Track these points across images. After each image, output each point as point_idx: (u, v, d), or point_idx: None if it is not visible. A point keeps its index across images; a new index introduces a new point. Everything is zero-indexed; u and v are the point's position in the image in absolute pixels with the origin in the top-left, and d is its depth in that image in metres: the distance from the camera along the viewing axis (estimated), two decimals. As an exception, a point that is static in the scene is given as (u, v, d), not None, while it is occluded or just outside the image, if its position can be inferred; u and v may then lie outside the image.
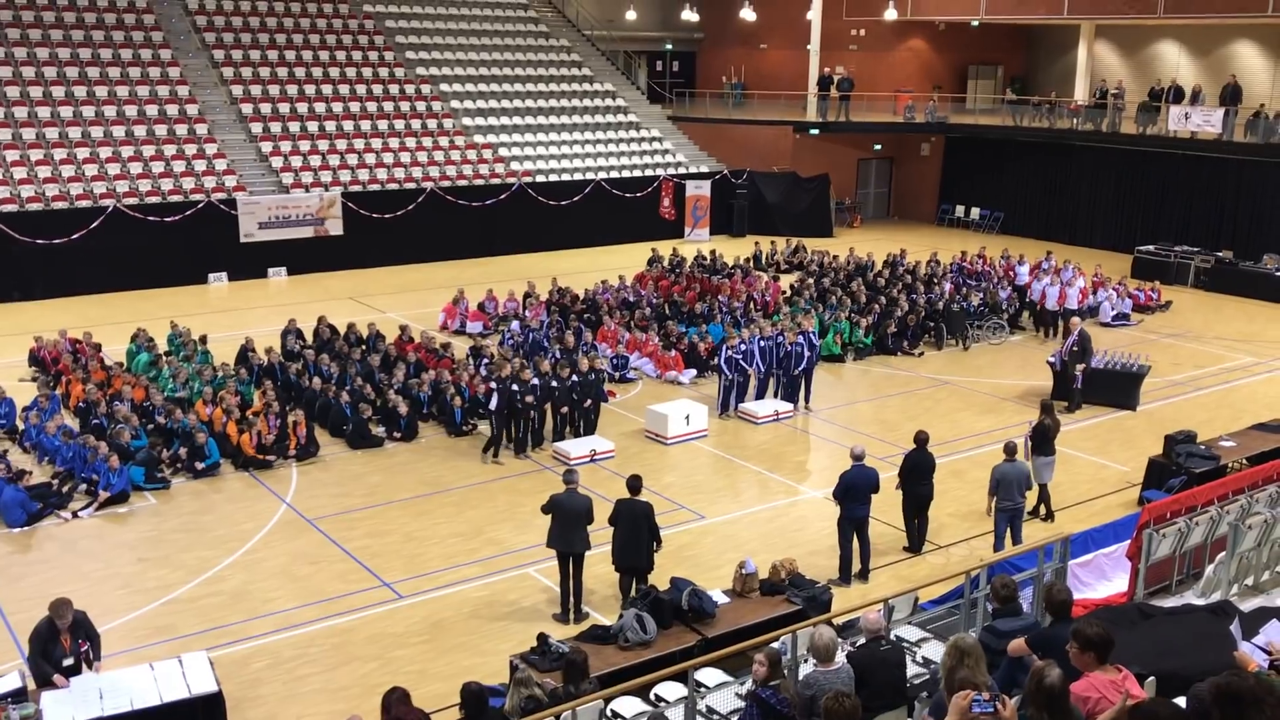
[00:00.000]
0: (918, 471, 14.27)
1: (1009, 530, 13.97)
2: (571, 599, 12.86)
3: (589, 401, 18.66)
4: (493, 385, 17.92)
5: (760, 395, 20.59)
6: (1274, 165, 33.27)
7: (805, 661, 9.31)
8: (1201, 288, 31.89)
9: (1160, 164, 35.91)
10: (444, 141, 36.50)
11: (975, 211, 41.51)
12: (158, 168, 31.58)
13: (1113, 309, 27.60)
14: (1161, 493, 14.62)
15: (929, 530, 14.73)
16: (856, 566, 13.83)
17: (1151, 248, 33.68)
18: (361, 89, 37.25)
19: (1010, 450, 14.08)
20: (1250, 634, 7.09)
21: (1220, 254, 32.78)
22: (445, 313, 26.43)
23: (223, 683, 10.66)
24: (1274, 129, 33.99)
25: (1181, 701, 5.89)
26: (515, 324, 23.26)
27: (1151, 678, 6.89)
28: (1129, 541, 11.79)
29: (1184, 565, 11.78)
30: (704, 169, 39.31)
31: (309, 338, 22.97)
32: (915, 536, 14.56)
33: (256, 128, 34.41)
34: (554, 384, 18.40)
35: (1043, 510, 15.67)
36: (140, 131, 32.58)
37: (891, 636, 9.74)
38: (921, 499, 14.36)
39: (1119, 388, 20.87)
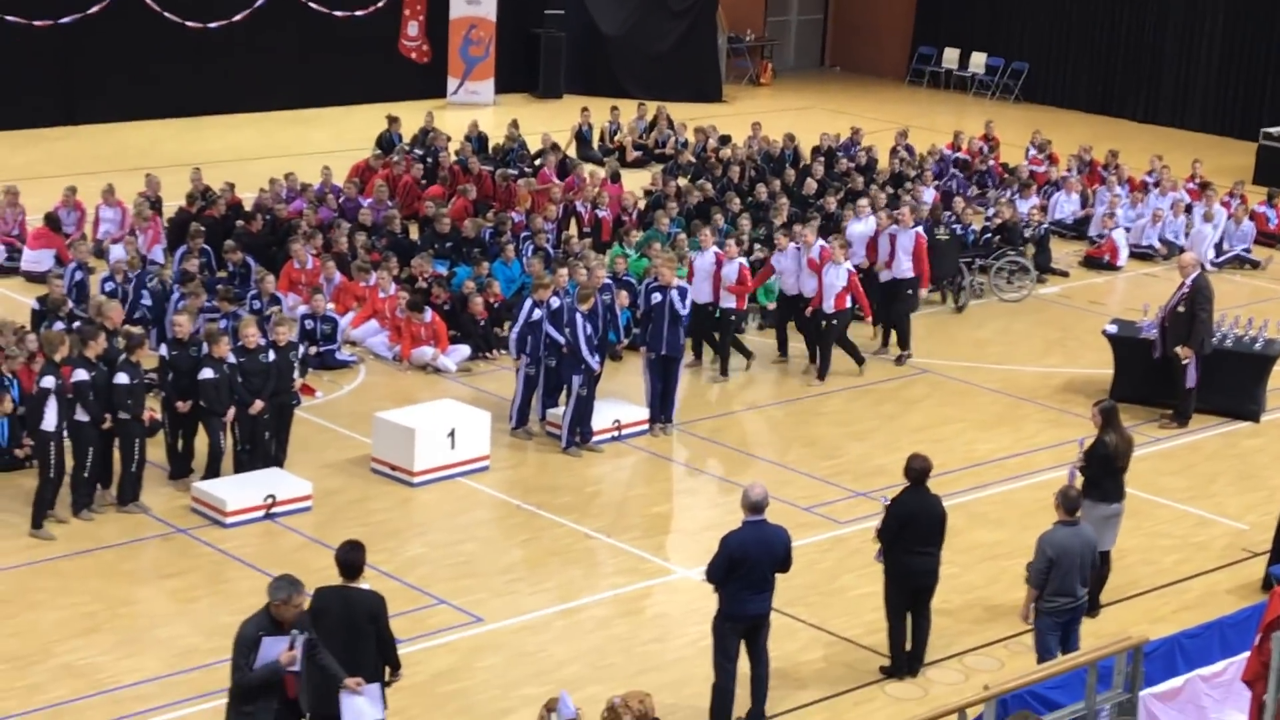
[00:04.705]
0: (916, 528, 10.38)
1: (1060, 641, 10.33)
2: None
3: (259, 406, 12.60)
4: (48, 384, 11.62)
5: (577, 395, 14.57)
6: None
7: None
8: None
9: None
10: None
11: (979, 60, 31.90)
12: None
13: (1218, 240, 19.92)
14: (1305, 568, 11.99)
15: (930, 634, 10.72)
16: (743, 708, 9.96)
17: (1290, 127, 25.86)
18: None
19: (1071, 505, 10.22)
20: None
21: None
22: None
23: None
24: None
25: None
26: (118, 250, 16.58)
27: None
28: (1248, 654, 10.00)
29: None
30: (484, -29, 28.95)
31: None
32: (904, 645, 10.70)
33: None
34: (209, 370, 12.24)
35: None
36: None
37: None
38: (919, 578, 10.55)
39: (1233, 381, 15.48)
